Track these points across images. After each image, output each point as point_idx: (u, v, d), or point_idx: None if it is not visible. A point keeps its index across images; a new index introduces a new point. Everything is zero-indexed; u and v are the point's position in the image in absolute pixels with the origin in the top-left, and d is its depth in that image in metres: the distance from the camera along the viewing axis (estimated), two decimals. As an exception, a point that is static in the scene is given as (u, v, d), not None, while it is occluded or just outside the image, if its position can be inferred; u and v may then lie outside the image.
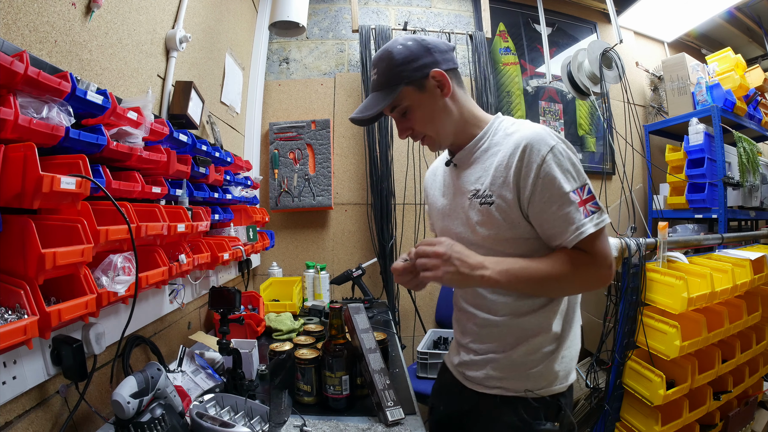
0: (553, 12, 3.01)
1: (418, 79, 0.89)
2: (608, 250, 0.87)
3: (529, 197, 0.85)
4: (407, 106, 0.92)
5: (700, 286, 1.72)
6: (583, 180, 0.85)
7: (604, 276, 0.87)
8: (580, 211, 0.83)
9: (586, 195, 0.84)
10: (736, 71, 2.68)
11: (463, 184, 0.97)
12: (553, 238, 0.87)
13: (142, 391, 0.84)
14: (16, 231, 0.74)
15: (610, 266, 0.87)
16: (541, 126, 0.89)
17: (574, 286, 0.91)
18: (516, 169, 0.86)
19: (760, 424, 2.28)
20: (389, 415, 1.02)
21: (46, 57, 0.89)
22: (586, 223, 0.83)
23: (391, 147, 2.58)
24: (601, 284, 0.89)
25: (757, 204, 2.77)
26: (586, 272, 0.86)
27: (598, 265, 0.86)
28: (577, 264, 0.85)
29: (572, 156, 0.86)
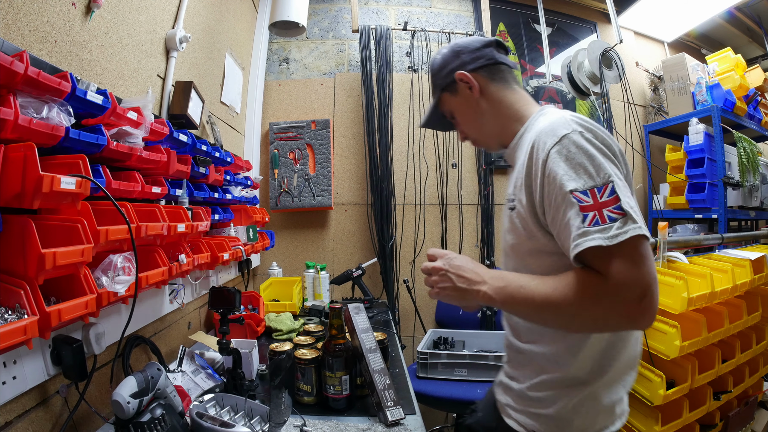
0: (553, 12, 3.01)
1: (449, 84, 0.92)
2: (642, 275, 0.63)
3: (541, 201, 0.73)
4: (450, 111, 0.96)
5: (700, 286, 1.72)
6: (605, 178, 0.66)
7: (631, 311, 0.63)
8: (582, 217, 0.65)
9: (607, 197, 0.65)
10: (736, 71, 2.68)
11: (509, 187, 0.91)
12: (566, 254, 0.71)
13: (142, 391, 0.84)
14: (16, 231, 0.74)
15: (637, 298, 0.62)
16: (564, 115, 0.76)
17: (581, 320, 0.69)
18: (527, 168, 0.76)
19: (760, 424, 2.28)
20: (389, 415, 1.02)
21: (46, 57, 0.89)
22: (591, 233, 0.64)
23: (391, 147, 2.58)
24: (623, 321, 0.65)
25: (757, 204, 2.77)
26: (596, 302, 0.65)
27: (612, 293, 0.63)
28: (583, 289, 0.66)
29: (591, 147, 0.69)
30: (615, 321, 0.66)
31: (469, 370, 1.84)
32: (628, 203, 0.65)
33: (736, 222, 3.03)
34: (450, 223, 2.68)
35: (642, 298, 0.62)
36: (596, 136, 0.71)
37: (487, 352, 1.88)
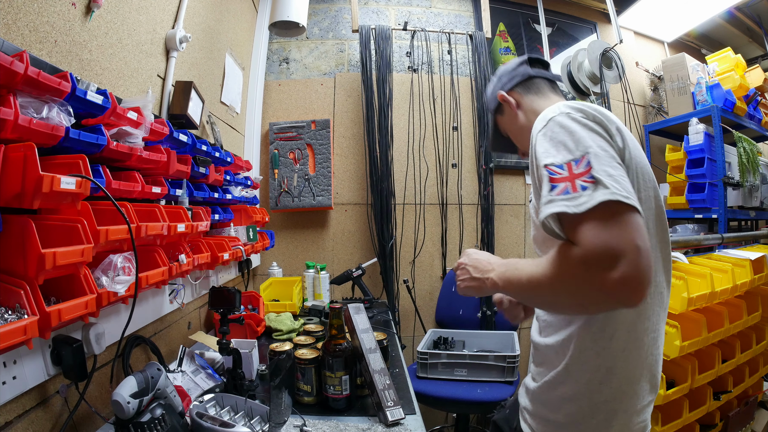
0: (553, 12, 3.01)
1: (496, 106, 1.03)
2: (603, 240, 0.56)
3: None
4: (504, 130, 1.05)
5: (700, 286, 1.72)
6: (582, 150, 0.64)
7: (598, 282, 0.56)
8: (551, 187, 0.63)
9: (583, 168, 0.62)
10: (736, 71, 2.68)
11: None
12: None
13: (142, 391, 0.84)
14: (16, 231, 0.74)
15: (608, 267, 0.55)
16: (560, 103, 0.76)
17: (561, 296, 0.65)
18: (530, 157, 0.76)
19: (760, 424, 2.28)
20: (389, 415, 1.02)
21: (46, 57, 0.89)
22: (556, 200, 0.61)
23: (391, 147, 2.58)
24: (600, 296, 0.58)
25: (757, 204, 2.77)
26: (570, 274, 0.60)
27: (581, 261, 0.58)
28: (558, 261, 0.62)
29: (574, 124, 0.67)
30: (592, 295, 0.59)
31: (469, 370, 1.84)
32: (604, 171, 0.61)
33: (736, 222, 3.03)
34: (450, 223, 2.68)
35: (614, 265, 0.55)
36: (585, 114, 0.70)
37: (487, 352, 1.88)
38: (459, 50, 2.77)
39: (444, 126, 2.70)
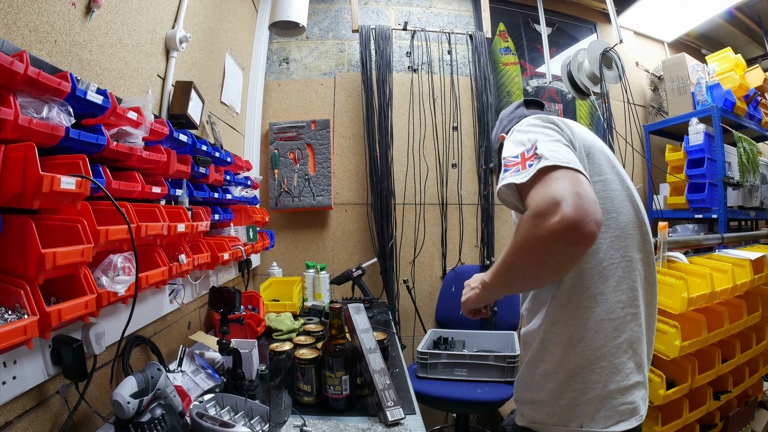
0: (553, 12, 3.01)
1: (500, 147, 1.01)
2: (543, 192, 0.65)
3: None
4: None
5: (700, 286, 1.72)
6: (533, 140, 0.73)
7: (550, 229, 0.61)
8: (504, 170, 0.74)
9: (530, 153, 0.71)
10: (736, 71, 2.68)
11: None
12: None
13: (142, 391, 0.84)
14: (16, 231, 0.74)
15: (553, 212, 0.61)
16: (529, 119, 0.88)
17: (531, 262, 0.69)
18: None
19: (760, 424, 2.27)
20: (389, 415, 1.02)
21: (46, 57, 0.89)
22: (506, 177, 0.72)
23: (391, 147, 2.58)
24: (559, 241, 0.62)
25: (757, 204, 2.77)
26: (529, 235, 0.65)
27: (534, 215, 0.64)
28: (520, 231, 0.68)
29: (528, 127, 0.79)
30: (546, 244, 0.64)
31: (469, 370, 1.84)
32: (548, 148, 0.70)
33: (736, 222, 3.03)
34: (450, 223, 2.68)
35: (556, 210, 0.61)
36: (541, 119, 0.81)
37: (487, 352, 1.88)
38: (459, 50, 2.77)
39: (444, 126, 2.70)
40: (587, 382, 0.77)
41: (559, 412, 0.79)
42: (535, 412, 0.83)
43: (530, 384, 0.85)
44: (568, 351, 0.78)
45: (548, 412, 0.80)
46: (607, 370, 0.77)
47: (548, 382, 0.80)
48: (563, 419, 0.78)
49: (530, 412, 0.85)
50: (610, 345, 0.78)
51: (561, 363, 0.79)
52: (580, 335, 0.78)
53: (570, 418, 0.77)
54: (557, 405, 0.79)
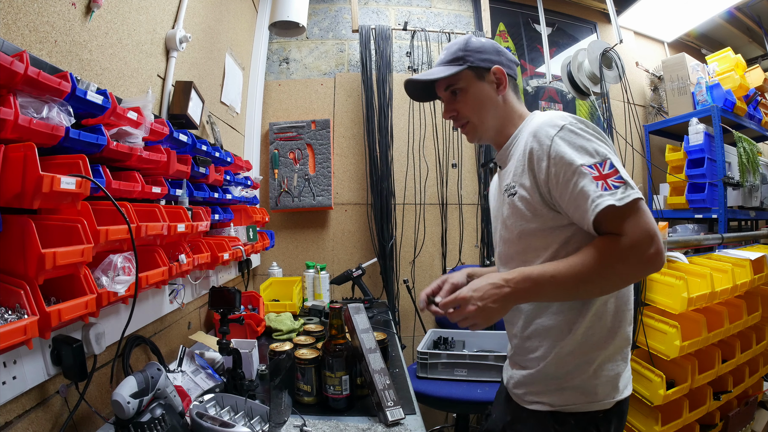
0: (553, 12, 3.01)
1: (480, 67, 0.97)
2: (648, 226, 0.75)
3: (546, 180, 0.83)
4: (462, 88, 0.98)
5: (700, 286, 1.72)
6: (603, 155, 0.80)
7: (648, 257, 0.75)
8: (596, 184, 0.77)
9: (607, 170, 0.78)
10: (736, 71, 2.68)
11: (501, 182, 1.00)
12: (581, 223, 0.82)
13: (142, 391, 0.84)
14: (16, 231, 0.74)
15: (651, 242, 0.74)
16: (560, 112, 0.88)
17: (611, 281, 0.80)
18: (529, 154, 0.86)
19: (760, 424, 2.28)
20: (389, 415, 1.02)
21: (46, 57, 0.89)
22: (604, 195, 0.76)
23: (391, 147, 2.58)
24: (648, 268, 0.77)
25: (757, 204, 2.77)
26: (621, 259, 0.76)
27: (631, 246, 0.75)
28: (609, 252, 0.76)
29: (586, 133, 0.82)
30: (638, 270, 0.77)
31: (469, 370, 1.84)
32: (626, 174, 0.79)
33: (736, 222, 3.03)
34: (450, 223, 2.68)
35: (652, 243, 0.74)
36: (588, 125, 0.85)
37: (487, 352, 1.88)
38: (459, 50, 2.77)
39: (444, 126, 2.70)
40: (617, 360, 0.89)
41: (593, 390, 0.87)
42: (567, 397, 0.88)
43: (557, 374, 0.88)
44: (609, 339, 0.87)
45: (582, 392, 0.87)
46: (627, 349, 0.92)
47: (585, 369, 0.87)
48: (600, 395, 0.86)
49: (558, 398, 0.88)
50: (630, 329, 0.92)
51: (600, 350, 0.87)
52: (621, 325, 0.89)
53: (606, 393, 0.87)
54: (591, 385, 0.86)
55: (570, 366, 0.87)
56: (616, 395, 0.88)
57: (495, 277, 0.85)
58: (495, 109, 0.98)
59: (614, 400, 0.87)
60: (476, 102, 0.98)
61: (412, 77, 1.01)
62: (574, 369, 0.87)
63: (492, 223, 1.11)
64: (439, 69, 0.99)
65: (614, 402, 0.87)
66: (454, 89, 0.99)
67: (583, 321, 0.86)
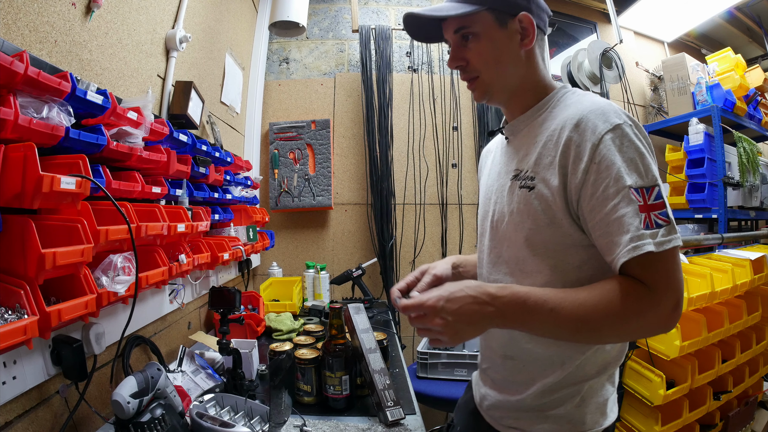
0: (553, 12, 3.00)
1: (504, 12, 0.76)
2: (679, 284, 0.62)
3: (579, 187, 0.67)
4: (476, 33, 0.77)
5: (700, 286, 1.72)
6: (653, 180, 0.64)
7: (665, 319, 0.62)
8: (640, 218, 0.62)
9: (654, 200, 0.63)
10: (736, 71, 2.68)
11: (509, 160, 0.82)
12: (603, 252, 0.67)
13: (142, 391, 0.84)
14: (16, 231, 0.74)
15: (676, 306, 0.62)
16: (609, 101, 0.71)
17: (619, 333, 0.67)
18: (565, 146, 0.69)
19: (760, 424, 2.27)
20: (389, 415, 1.02)
21: (46, 57, 0.89)
22: (646, 236, 0.61)
23: (391, 147, 2.58)
24: (660, 330, 0.65)
25: (757, 204, 2.77)
26: (640, 314, 0.62)
27: (656, 304, 0.61)
28: (629, 304, 0.62)
29: (641, 145, 0.66)
30: (650, 330, 0.65)
31: (469, 370, 1.84)
32: (670, 210, 0.64)
33: (736, 222, 3.03)
34: (450, 223, 2.68)
35: (677, 306, 0.62)
36: (642, 132, 0.68)
37: (487, 352, 1.88)
38: (459, 50, 2.77)
39: (444, 126, 2.70)
40: (606, 385, 0.79)
41: (581, 420, 0.76)
42: (550, 425, 0.78)
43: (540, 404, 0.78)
44: (602, 370, 0.77)
45: (568, 420, 0.77)
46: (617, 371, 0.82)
47: (572, 398, 0.76)
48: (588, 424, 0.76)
49: (541, 427, 0.78)
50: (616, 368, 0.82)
51: (590, 380, 0.76)
52: (620, 355, 0.79)
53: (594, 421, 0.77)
54: (579, 413, 0.76)
55: (555, 395, 0.76)
56: (604, 422, 0.77)
57: (479, 288, 0.67)
58: (515, 65, 0.79)
59: (602, 427, 0.77)
60: (492, 53, 0.78)
61: (414, 11, 0.80)
62: (560, 398, 0.76)
63: (482, 203, 0.91)
64: (450, 4, 0.77)
65: (602, 429, 0.77)
66: (466, 33, 0.78)
67: (581, 357, 0.74)
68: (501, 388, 0.84)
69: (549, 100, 0.80)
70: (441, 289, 0.68)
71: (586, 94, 0.77)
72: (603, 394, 0.77)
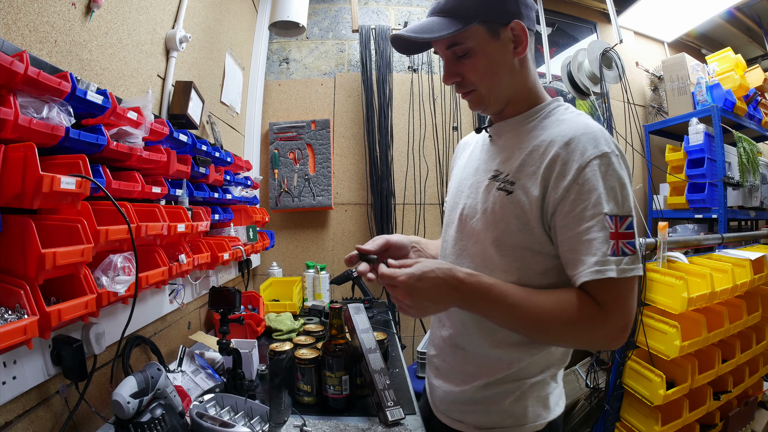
0: (553, 12, 3.01)
1: (495, 22, 0.75)
2: (630, 312, 0.68)
3: (557, 202, 0.70)
4: (470, 49, 0.76)
5: (700, 286, 1.72)
6: (628, 210, 0.68)
7: (611, 338, 0.68)
8: (609, 244, 0.66)
9: (625, 229, 0.67)
10: (736, 71, 2.68)
11: (489, 159, 0.84)
12: (566, 266, 0.71)
13: (142, 391, 0.84)
14: (16, 231, 0.73)
15: (623, 329, 0.67)
16: (600, 127, 0.74)
17: (565, 340, 0.73)
18: (551, 161, 0.71)
19: (760, 424, 2.27)
20: (389, 415, 1.02)
21: (46, 57, 0.89)
22: (610, 262, 0.65)
23: (391, 147, 2.58)
24: (603, 345, 0.71)
25: (757, 204, 2.77)
26: (589, 329, 0.68)
27: (604, 323, 0.67)
28: (581, 318, 0.67)
29: (624, 175, 0.70)
30: (599, 344, 0.71)
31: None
32: (638, 241, 0.69)
33: (736, 222, 3.03)
34: (450, 223, 2.68)
35: (624, 329, 0.67)
36: (626, 164, 0.72)
37: (487, 352, 1.88)
38: (459, 50, 2.77)
39: (444, 126, 2.70)
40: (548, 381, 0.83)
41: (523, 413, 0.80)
42: (493, 418, 0.81)
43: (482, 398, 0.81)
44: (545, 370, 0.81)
45: (510, 414, 0.80)
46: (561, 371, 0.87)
47: (512, 393, 0.80)
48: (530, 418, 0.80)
49: (485, 419, 0.82)
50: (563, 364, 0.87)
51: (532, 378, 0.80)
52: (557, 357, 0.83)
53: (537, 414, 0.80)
54: (520, 407, 0.80)
55: (496, 390, 0.80)
56: (548, 415, 0.80)
57: (449, 272, 0.70)
58: (510, 75, 0.79)
59: (545, 420, 0.80)
60: (488, 67, 0.77)
61: (404, 34, 0.77)
62: (500, 393, 0.80)
63: (452, 195, 0.93)
64: (440, 22, 0.75)
65: (545, 423, 0.80)
66: (459, 49, 0.77)
67: (528, 359, 0.79)
68: (445, 377, 0.88)
69: (540, 110, 0.81)
70: (414, 268, 0.71)
71: (580, 114, 0.79)
72: (545, 389, 0.81)
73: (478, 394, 0.81)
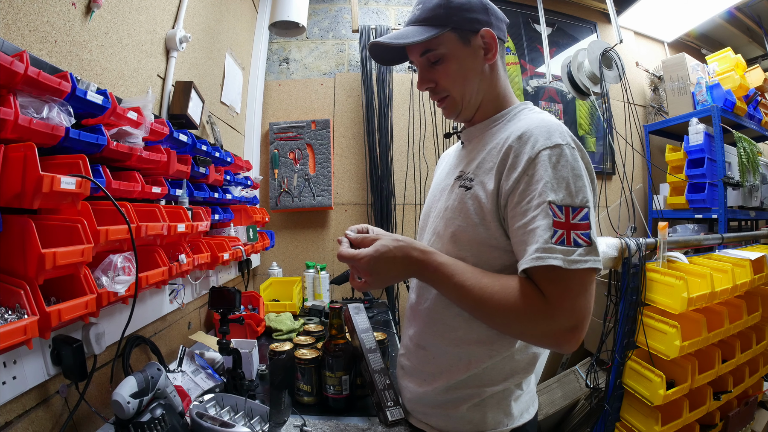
0: (553, 12, 3.01)
1: (466, 30, 0.79)
2: (582, 310, 0.64)
3: (508, 193, 0.71)
4: (442, 55, 0.80)
5: (700, 286, 1.72)
6: (583, 202, 0.66)
7: (558, 336, 0.65)
8: (553, 232, 0.64)
9: (579, 220, 0.65)
10: (736, 71, 2.68)
11: (458, 163, 0.87)
12: (516, 256, 0.71)
13: (142, 391, 0.84)
14: (16, 231, 0.73)
15: (573, 328, 0.64)
16: (559, 123, 0.74)
17: (510, 328, 0.71)
18: (504, 154, 0.73)
19: (760, 424, 2.27)
20: (389, 415, 1.02)
21: (46, 57, 0.89)
22: (556, 250, 0.63)
23: (391, 147, 2.58)
24: (550, 343, 0.68)
25: (757, 204, 2.77)
26: (532, 320, 0.66)
27: (550, 317, 0.64)
28: (524, 306, 0.66)
29: (579, 167, 0.69)
30: (543, 341, 0.69)
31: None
32: (595, 233, 0.67)
33: (736, 222, 3.03)
34: (450, 223, 2.68)
35: (574, 328, 0.64)
36: (584, 157, 0.72)
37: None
38: (459, 50, 2.77)
39: (444, 126, 2.70)
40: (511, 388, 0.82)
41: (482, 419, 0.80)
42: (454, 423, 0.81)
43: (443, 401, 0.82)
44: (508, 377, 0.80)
45: (469, 420, 0.80)
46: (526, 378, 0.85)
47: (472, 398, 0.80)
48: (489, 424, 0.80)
49: (446, 423, 0.82)
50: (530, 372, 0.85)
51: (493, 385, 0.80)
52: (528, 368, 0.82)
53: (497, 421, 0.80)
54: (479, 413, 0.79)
55: (457, 393, 0.80)
56: (510, 422, 0.79)
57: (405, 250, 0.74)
58: (481, 80, 0.82)
59: (507, 428, 0.79)
60: (459, 72, 0.81)
61: (380, 40, 0.81)
62: (461, 398, 0.80)
63: (427, 201, 0.98)
64: (414, 30, 0.79)
65: (508, 430, 0.79)
66: (432, 56, 0.81)
67: (488, 361, 0.78)
68: (410, 376, 0.89)
69: (506, 114, 0.84)
70: (373, 249, 0.74)
71: (542, 113, 0.81)
72: (506, 396, 0.80)
73: (440, 397, 0.82)
